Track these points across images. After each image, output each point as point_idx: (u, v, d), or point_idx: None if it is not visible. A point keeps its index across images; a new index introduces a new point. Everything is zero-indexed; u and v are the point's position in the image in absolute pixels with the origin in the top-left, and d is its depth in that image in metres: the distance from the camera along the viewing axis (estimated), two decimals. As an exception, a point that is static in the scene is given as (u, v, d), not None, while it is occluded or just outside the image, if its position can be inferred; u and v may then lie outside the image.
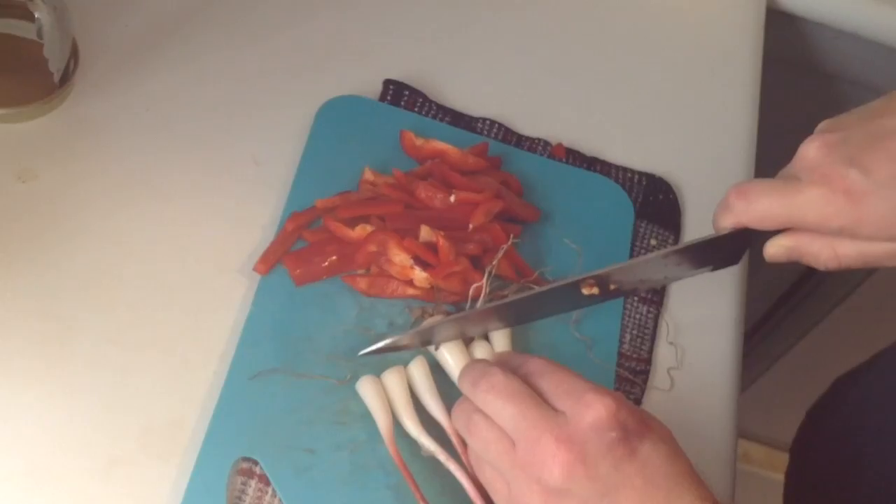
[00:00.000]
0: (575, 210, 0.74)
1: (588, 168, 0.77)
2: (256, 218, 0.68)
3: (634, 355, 0.69)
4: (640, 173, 0.78)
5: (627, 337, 0.70)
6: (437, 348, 0.63)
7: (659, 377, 0.69)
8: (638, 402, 0.67)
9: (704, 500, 0.51)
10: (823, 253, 0.60)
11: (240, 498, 0.58)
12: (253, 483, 0.58)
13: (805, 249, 0.60)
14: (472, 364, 0.58)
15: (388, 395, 0.62)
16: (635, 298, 0.71)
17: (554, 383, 0.54)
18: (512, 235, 0.67)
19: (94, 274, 0.63)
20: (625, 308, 0.71)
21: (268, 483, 0.59)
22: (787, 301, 1.30)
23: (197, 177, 0.69)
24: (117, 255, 0.64)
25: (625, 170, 0.78)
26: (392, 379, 0.62)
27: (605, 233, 0.74)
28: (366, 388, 0.62)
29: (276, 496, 0.58)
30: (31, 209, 0.65)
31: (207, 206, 0.68)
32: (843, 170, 0.56)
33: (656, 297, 0.72)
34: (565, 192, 0.75)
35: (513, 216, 0.70)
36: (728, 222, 0.61)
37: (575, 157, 0.77)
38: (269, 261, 0.65)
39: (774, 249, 0.61)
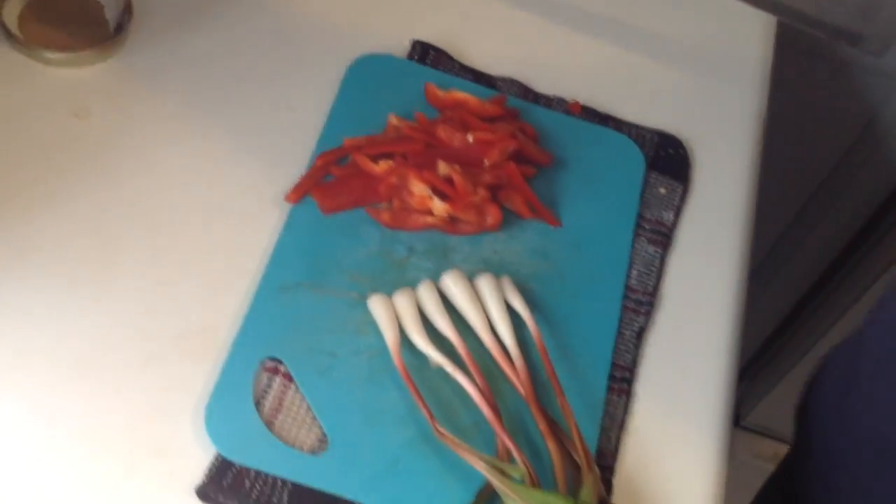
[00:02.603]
0: (588, 160, 0.79)
1: (602, 124, 0.82)
2: (289, 156, 0.74)
3: (640, 289, 0.73)
4: (653, 130, 0.82)
5: (634, 272, 0.74)
6: None
7: (663, 312, 0.73)
8: (642, 330, 0.71)
9: None
10: None
11: (265, 392, 0.63)
12: (277, 380, 0.63)
13: None
14: None
15: (397, 312, 0.66)
16: (644, 238, 0.75)
17: None
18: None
19: (141, 199, 0.70)
20: (633, 247, 0.75)
21: (291, 380, 0.63)
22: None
23: (236, 120, 0.75)
24: (162, 184, 0.71)
25: (638, 127, 0.82)
26: (401, 297, 0.67)
27: (616, 181, 0.78)
28: (376, 305, 0.66)
29: (298, 392, 0.63)
30: (86, 142, 0.71)
31: (245, 145, 0.74)
32: None
33: (664, 239, 0.76)
34: (579, 144, 0.79)
35: (527, 159, 0.75)
36: None
37: (590, 114, 0.82)
38: (300, 192, 0.71)
39: None
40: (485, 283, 0.68)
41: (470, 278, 0.69)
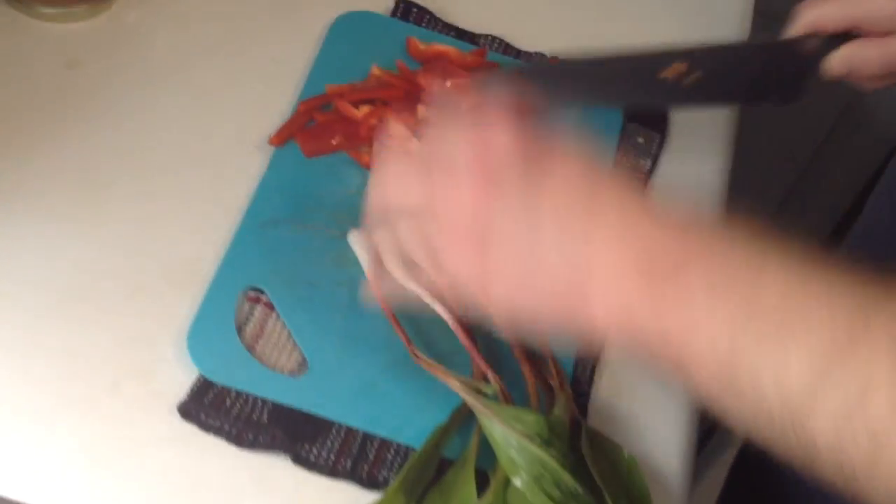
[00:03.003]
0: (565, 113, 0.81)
1: (581, 77, 0.84)
2: (273, 105, 0.76)
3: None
4: (632, 85, 0.84)
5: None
6: None
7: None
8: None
9: (640, 204, 0.48)
10: (876, 54, 0.65)
11: (247, 319, 0.65)
12: (259, 308, 0.65)
13: (861, 55, 0.65)
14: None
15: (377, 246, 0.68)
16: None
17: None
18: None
19: (129, 144, 0.72)
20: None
21: (272, 309, 0.65)
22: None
23: (222, 72, 0.77)
24: (149, 130, 0.73)
25: (617, 80, 0.84)
26: (381, 232, 0.68)
27: (593, 129, 0.80)
28: (356, 239, 0.68)
29: (279, 320, 0.65)
30: (77, 91, 0.74)
31: (230, 95, 0.76)
32: None
33: (639, 184, 0.78)
34: (559, 96, 0.81)
35: (506, 106, 0.77)
36: (798, 25, 0.67)
37: (569, 67, 0.84)
38: (283, 135, 0.73)
39: (834, 60, 0.66)
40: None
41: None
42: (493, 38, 0.84)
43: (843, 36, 0.67)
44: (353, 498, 0.58)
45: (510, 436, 0.57)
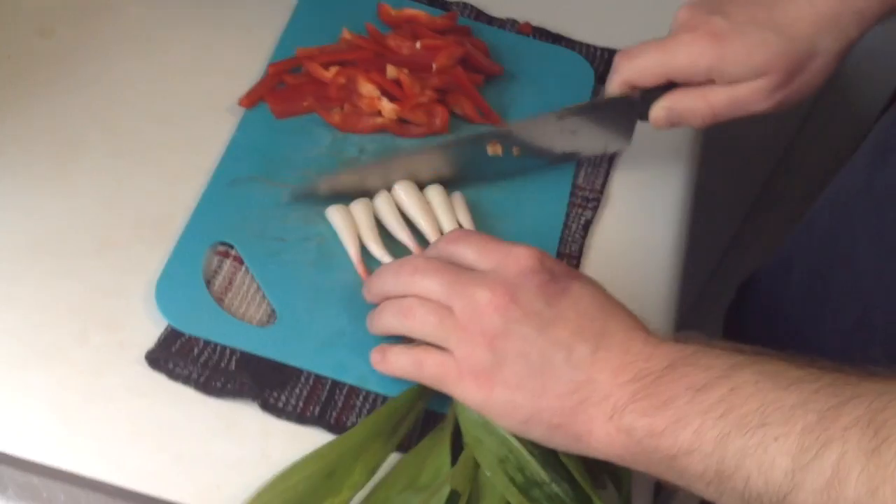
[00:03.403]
0: (537, 74, 0.81)
1: (554, 43, 0.84)
2: (244, 70, 0.76)
3: (587, 186, 0.75)
4: (603, 48, 0.85)
5: (582, 173, 0.76)
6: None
7: (610, 208, 0.75)
8: (588, 223, 0.73)
9: (637, 330, 0.53)
10: (698, 104, 0.67)
11: (216, 273, 0.65)
12: (228, 262, 0.66)
13: (682, 105, 0.68)
14: (384, 266, 0.61)
15: (354, 222, 0.68)
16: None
17: (473, 247, 0.57)
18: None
19: (100, 105, 0.73)
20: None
21: (241, 263, 0.66)
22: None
23: (193, 40, 0.78)
24: (122, 93, 0.74)
25: (588, 46, 0.85)
26: (358, 207, 0.69)
27: (566, 95, 0.81)
28: (334, 216, 0.68)
29: (247, 273, 0.65)
30: (50, 58, 0.75)
31: (201, 60, 0.77)
32: (707, 17, 0.66)
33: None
34: (529, 60, 0.82)
35: (476, 68, 0.78)
36: (616, 82, 0.69)
37: (541, 34, 0.85)
38: (253, 97, 0.74)
39: (657, 112, 0.69)
40: (434, 193, 0.70)
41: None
42: (465, 4, 0.85)
43: (663, 86, 0.68)
44: (322, 443, 0.59)
45: (478, 415, 0.56)
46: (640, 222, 0.75)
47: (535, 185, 0.74)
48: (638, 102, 0.69)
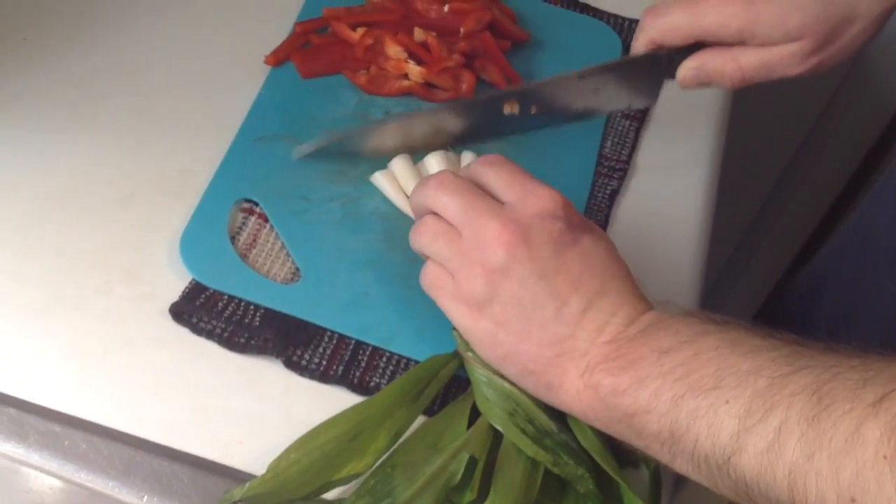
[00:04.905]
0: (564, 42, 0.81)
1: (581, 13, 0.84)
2: (270, 28, 0.76)
3: (613, 157, 0.75)
4: (632, 20, 0.84)
5: (608, 143, 0.75)
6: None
7: (636, 179, 0.74)
8: (615, 193, 0.73)
9: (631, 295, 0.53)
10: (728, 66, 0.64)
11: (240, 229, 0.64)
12: (252, 219, 0.65)
13: (710, 66, 0.65)
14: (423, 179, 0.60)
15: (398, 182, 0.68)
16: (618, 114, 0.77)
17: (503, 176, 0.56)
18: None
19: (126, 61, 0.72)
20: (607, 122, 0.76)
21: (266, 220, 0.65)
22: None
23: (221, -3, 0.77)
24: (149, 49, 0.73)
25: (615, 16, 0.84)
26: (399, 164, 0.68)
27: (592, 62, 0.80)
28: (380, 181, 0.68)
29: (272, 231, 0.65)
30: (77, 12, 0.74)
31: (227, 14, 0.76)
32: None
33: (638, 113, 0.77)
34: (556, 29, 0.81)
35: (503, 34, 0.77)
36: (642, 41, 0.66)
37: (569, 3, 0.84)
38: (280, 55, 0.73)
39: (684, 72, 0.66)
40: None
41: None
42: (496, -30, 0.84)
43: (691, 45, 0.66)
44: (345, 402, 0.58)
45: (483, 372, 0.56)
46: (667, 194, 0.74)
47: (560, 153, 0.73)
48: (664, 61, 0.67)
